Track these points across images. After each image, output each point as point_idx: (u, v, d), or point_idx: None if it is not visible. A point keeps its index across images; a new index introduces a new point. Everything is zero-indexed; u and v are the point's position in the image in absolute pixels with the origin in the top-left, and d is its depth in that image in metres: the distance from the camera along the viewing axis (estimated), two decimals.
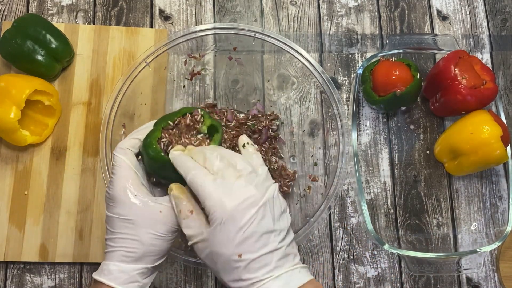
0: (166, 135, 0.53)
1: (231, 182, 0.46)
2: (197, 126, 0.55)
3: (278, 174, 0.70)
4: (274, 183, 0.50)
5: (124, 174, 0.50)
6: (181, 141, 0.53)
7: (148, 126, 0.54)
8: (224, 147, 0.68)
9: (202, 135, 0.55)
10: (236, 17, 0.81)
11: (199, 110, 0.55)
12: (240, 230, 0.44)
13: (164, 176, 0.53)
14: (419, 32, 0.82)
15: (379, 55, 0.76)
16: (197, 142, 0.54)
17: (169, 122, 0.54)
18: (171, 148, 0.52)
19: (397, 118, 0.78)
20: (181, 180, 0.50)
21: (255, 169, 0.49)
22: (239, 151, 0.63)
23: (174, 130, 0.54)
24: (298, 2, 0.82)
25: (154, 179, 0.56)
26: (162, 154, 0.51)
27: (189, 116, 0.54)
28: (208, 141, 0.54)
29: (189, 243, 0.48)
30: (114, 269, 0.47)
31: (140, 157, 0.54)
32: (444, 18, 0.84)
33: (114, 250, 0.48)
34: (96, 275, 0.48)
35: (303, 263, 0.49)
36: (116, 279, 0.47)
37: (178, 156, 0.50)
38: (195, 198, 0.48)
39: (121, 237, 0.48)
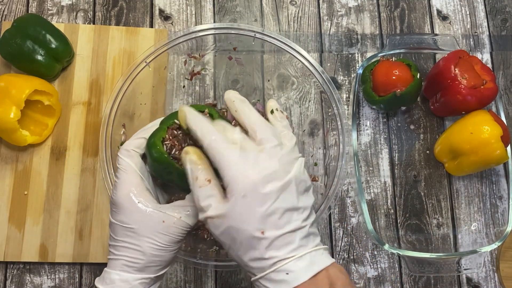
0: (171, 136, 0.49)
1: (253, 154, 0.43)
2: None
3: None
4: (301, 156, 0.46)
5: (128, 178, 0.49)
6: (185, 143, 0.49)
7: (155, 125, 0.51)
8: None
9: None
10: (236, 17, 0.81)
11: (207, 108, 0.51)
12: (263, 205, 0.41)
13: (168, 179, 0.50)
14: (419, 32, 0.82)
15: (379, 55, 0.76)
16: None
17: (175, 120, 0.50)
18: (176, 152, 0.48)
19: (397, 118, 0.78)
20: (186, 185, 0.47)
21: (281, 141, 0.46)
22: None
23: (180, 131, 0.50)
24: (298, 2, 0.82)
25: (159, 181, 0.54)
26: (166, 156, 0.48)
27: None
28: None
29: (202, 216, 0.44)
30: (116, 278, 0.47)
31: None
32: (444, 18, 0.84)
33: (117, 259, 0.47)
34: (98, 283, 0.47)
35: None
36: None
37: (194, 115, 0.46)
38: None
39: (124, 245, 0.47)
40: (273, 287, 0.41)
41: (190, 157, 0.44)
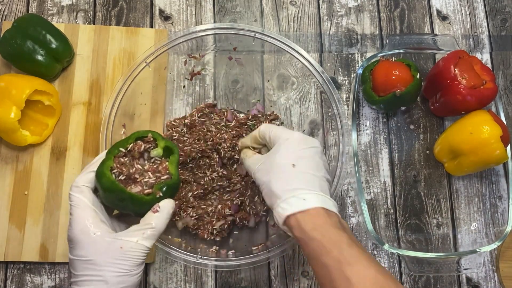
0: (118, 164, 0.51)
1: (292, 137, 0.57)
2: (150, 149, 0.54)
3: None
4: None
5: (81, 214, 0.49)
6: (133, 169, 0.52)
7: (102, 157, 0.53)
8: (220, 149, 0.68)
9: (156, 158, 0.53)
10: (236, 17, 0.81)
11: (150, 133, 0.54)
12: (299, 149, 0.54)
13: (122, 206, 0.51)
14: (419, 32, 0.82)
15: (379, 55, 0.76)
16: (154, 166, 0.53)
17: (121, 149, 0.52)
18: (123, 177, 0.51)
19: (397, 118, 0.79)
20: (139, 209, 0.50)
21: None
22: (239, 152, 0.64)
23: (126, 158, 0.52)
24: (298, 2, 0.82)
25: (114, 212, 0.54)
26: (117, 183, 0.49)
27: (140, 141, 0.53)
28: (166, 163, 0.53)
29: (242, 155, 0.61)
30: None
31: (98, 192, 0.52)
32: (444, 18, 0.84)
33: None
34: None
35: None
36: None
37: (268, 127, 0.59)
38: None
39: (85, 279, 0.47)
40: (289, 207, 0.51)
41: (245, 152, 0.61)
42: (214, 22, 0.81)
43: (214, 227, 0.67)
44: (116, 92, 0.66)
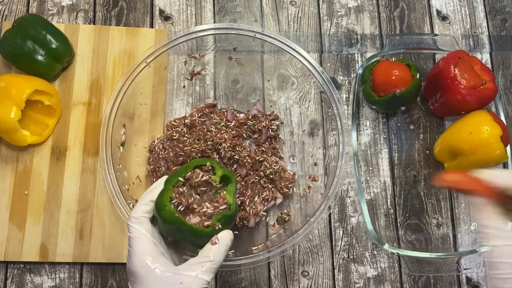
0: (177, 195, 0.51)
1: None
2: (210, 179, 0.53)
3: (278, 176, 0.70)
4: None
5: (142, 247, 0.49)
6: (192, 198, 0.51)
7: (159, 185, 0.52)
8: (220, 149, 0.68)
9: (213, 187, 0.53)
10: (236, 17, 0.81)
11: (208, 161, 0.53)
12: None
13: (182, 238, 0.51)
14: (418, 32, 0.82)
15: (379, 55, 0.76)
16: (211, 195, 0.53)
17: (180, 178, 0.52)
18: (182, 208, 0.50)
19: (397, 118, 0.79)
20: (198, 241, 0.50)
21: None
22: (239, 152, 0.61)
23: (185, 187, 0.52)
24: (298, 2, 0.83)
25: (169, 239, 0.54)
26: (177, 215, 0.49)
27: (199, 170, 0.53)
28: (224, 192, 0.53)
29: None
30: None
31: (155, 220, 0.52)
32: (443, 18, 0.84)
33: None
34: None
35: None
36: None
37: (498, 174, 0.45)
38: None
39: None
40: None
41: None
42: (214, 22, 0.81)
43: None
44: (116, 92, 0.66)
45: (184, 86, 0.77)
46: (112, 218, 0.71)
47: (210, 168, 0.54)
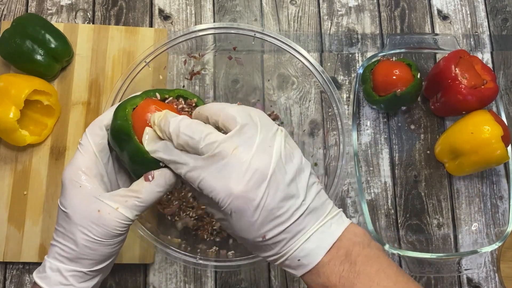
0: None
1: (226, 159, 0.39)
2: (189, 113, 0.46)
3: None
4: (279, 126, 0.43)
5: (80, 159, 0.44)
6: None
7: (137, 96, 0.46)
8: None
9: None
10: (236, 16, 0.81)
11: (196, 98, 0.48)
12: (255, 214, 0.39)
13: (120, 150, 0.44)
14: (419, 31, 0.82)
15: (380, 54, 0.76)
16: None
17: (157, 94, 0.45)
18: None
19: (398, 118, 0.78)
20: (136, 171, 0.43)
21: (250, 116, 0.41)
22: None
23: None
24: (298, 2, 0.82)
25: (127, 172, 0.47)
26: (129, 121, 0.43)
27: (182, 100, 0.47)
28: None
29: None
30: (48, 267, 0.42)
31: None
32: (444, 17, 0.83)
33: (53, 245, 0.43)
34: (34, 272, 0.44)
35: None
36: (47, 278, 0.42)
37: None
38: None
39: (60, 230, 0.43)
40: (294, 272, 0.41)
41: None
42: (214, 21, 0.81)
43: (214, 228, 0.67)
44: (115, 92, 0.66)
45: (183, 86, 0.77)
46: None
47: (194, 105, 0.47)
